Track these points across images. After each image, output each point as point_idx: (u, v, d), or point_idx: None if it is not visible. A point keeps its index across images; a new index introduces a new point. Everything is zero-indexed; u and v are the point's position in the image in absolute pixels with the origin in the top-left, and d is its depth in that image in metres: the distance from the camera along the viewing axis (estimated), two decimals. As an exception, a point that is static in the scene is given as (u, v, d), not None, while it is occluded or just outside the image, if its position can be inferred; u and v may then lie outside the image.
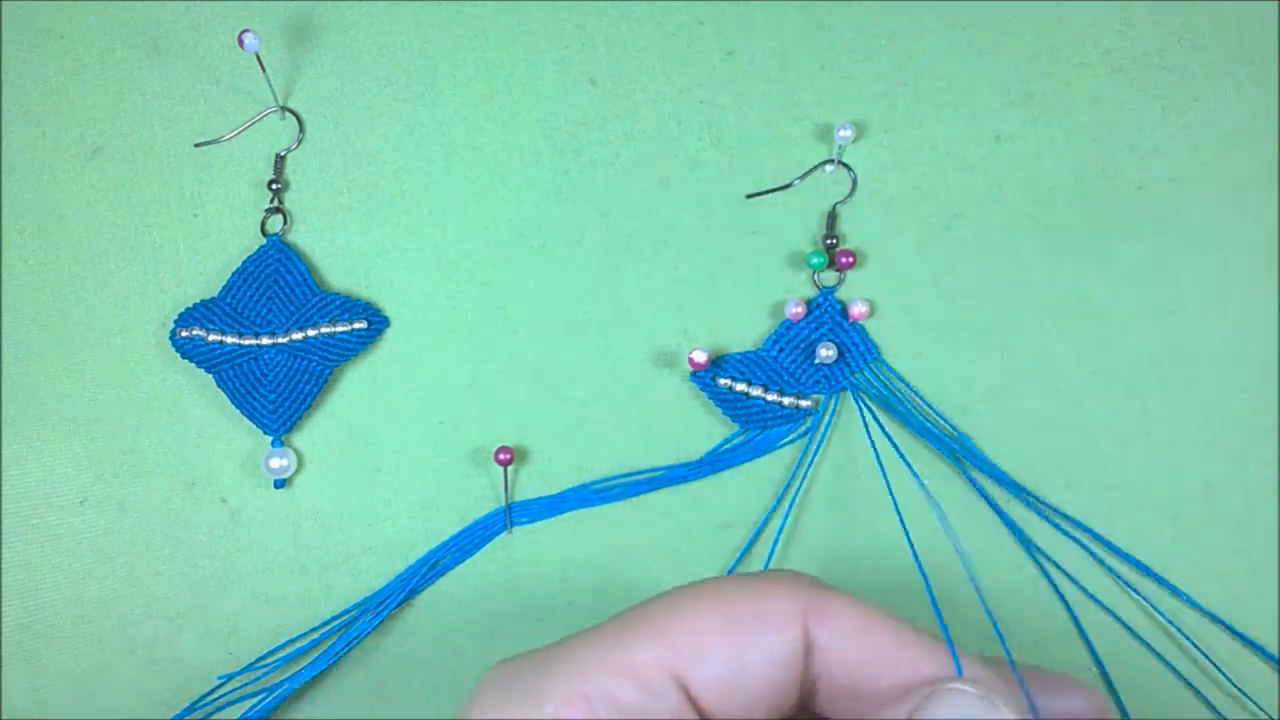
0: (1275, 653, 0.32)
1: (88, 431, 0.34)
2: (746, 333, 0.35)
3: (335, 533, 0.34)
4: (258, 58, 0.34)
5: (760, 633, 0.22)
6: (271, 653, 0.33)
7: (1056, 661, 0.33)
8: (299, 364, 0.34)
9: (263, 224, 0.35)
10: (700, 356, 0.33)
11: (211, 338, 0.34)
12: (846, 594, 0.23)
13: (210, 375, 0.34)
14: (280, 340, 0.34)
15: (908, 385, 0.34)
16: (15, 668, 0.33)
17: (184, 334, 0.34)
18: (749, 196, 0.35)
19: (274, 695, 0.33)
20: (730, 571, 0.33)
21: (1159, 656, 0.33)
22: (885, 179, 0.35)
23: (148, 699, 0.33)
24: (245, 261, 0.34)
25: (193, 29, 0.36)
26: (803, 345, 0.34)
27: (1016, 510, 0.34)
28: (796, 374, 0.34)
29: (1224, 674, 0.32)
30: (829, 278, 0.35)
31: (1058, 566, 0.33)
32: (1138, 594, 0.33)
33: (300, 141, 0.35)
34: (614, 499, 0.34)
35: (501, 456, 0.33)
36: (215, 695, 0.33)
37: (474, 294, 0.35)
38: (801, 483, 0.34)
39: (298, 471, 0.34)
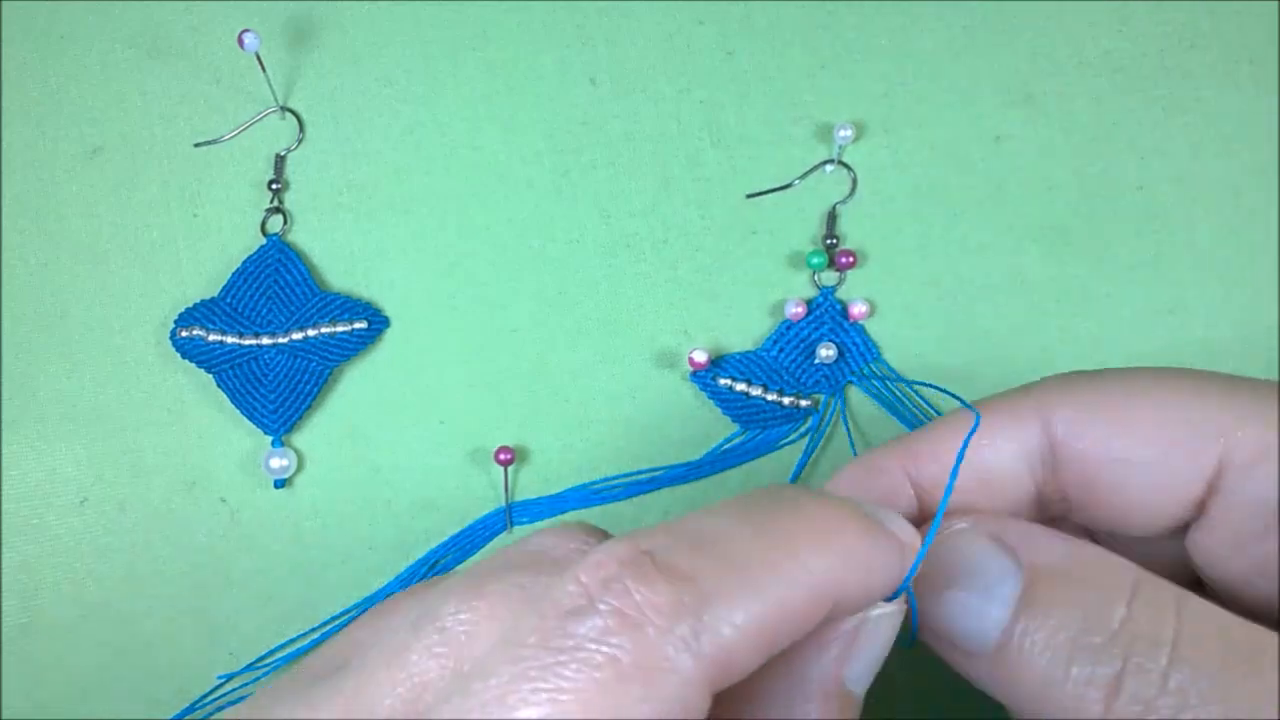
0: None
1: (88, 431, 0.34)
2: (746, 333, 0.35)
3: (335, 533, 0.34)
4: (258, 58, 0.34)
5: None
6: (271, 653, 0.33)
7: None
8: (299, 364, 0.34)
9: (263, 224, 0.35)
10: (700, 356, 0.33)
11: (211, 338, 0.34)
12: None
13: (210, 375, 0.34)
14: (280, 340, 0.34)
15: (908, 385, 0.34)
16: (15, 668, 0.33)
17: (184, 334, 0.34)
18: (749, 196, 0.35)
19: (274, 695, 0.33)
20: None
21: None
22: (885, 179, 0.35)
23: (148, 699, 0.33)
24: (245, 261, 0.34)
25: (193, 29, 0.36)
26: (803, 345, 0.34)
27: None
28: (796, 374, 0.34)
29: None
30: (829, 278, 0.35)
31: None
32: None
33: (300, 141, 0.35)
34: (614, 499, 0.34)
35: (501, 456, 0.33)
36: (215, 695, 0.33)
37: (474, 294, 0.35)
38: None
39: (298, 471, 0.34)
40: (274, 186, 0.35)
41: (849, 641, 0.21)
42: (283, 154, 0.35)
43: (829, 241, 0.35)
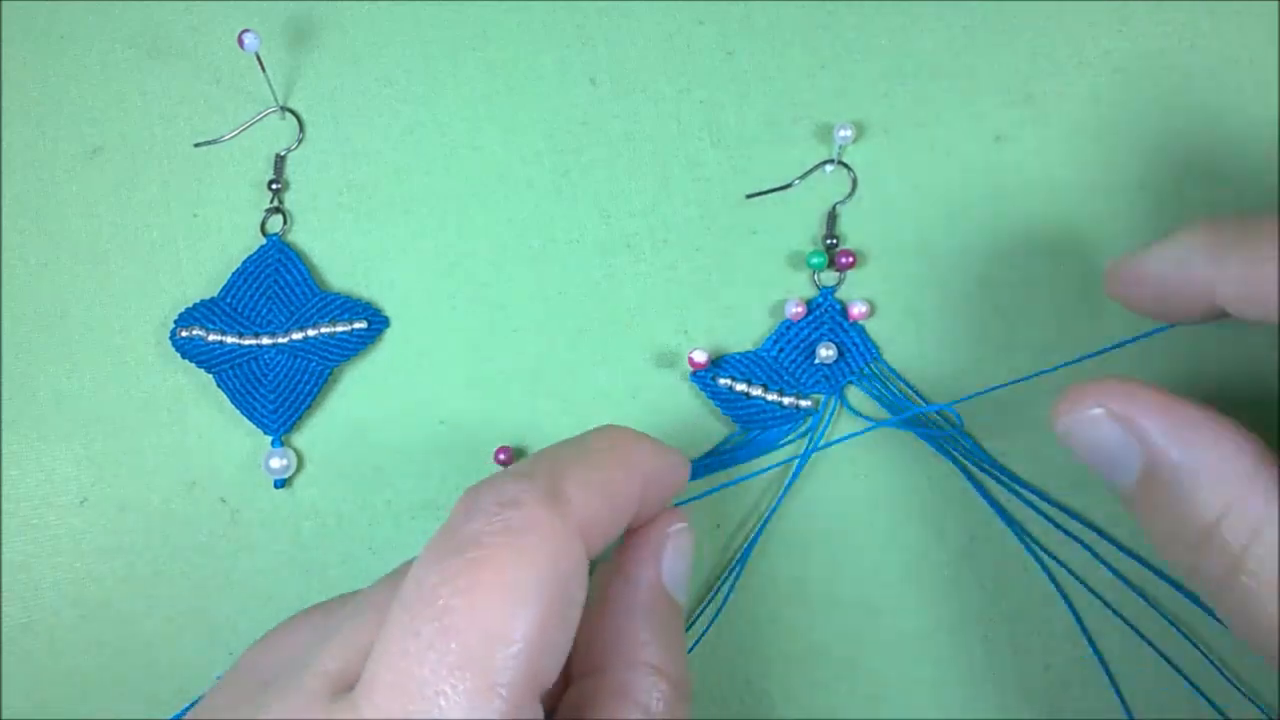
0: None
1: (88, 431, 0.34)
2: (746, 333, 0.35)
3: (335, 533, 0.34)
4: (258, 58, 0.34)
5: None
6: (271, 653, 0.33)
7: (1060, 660, 0.33)
8: (299, 364, 0.34)
9: (263, 224, 0.35)
10: (700, 356, 0.33)
11: (211, 338, 0.34)
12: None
13: (210, 375, 0.34)
14: (280, 340, 0.34)
15: (908, 385, 0.34)
16: (15, 668, 0.33)
17: (184, 334, 0.34)
18: (749, 196, 0.35)
19: (274, 695, 0.33)
20: (735, 577, 0.33)
21: (1161, 655, 0.33)
22: (885, 179, 0.35)
23: (148, 699, 0.33)
24: (245, 261, 0.34)
25: (193, 29, 0.36)
26: (803, 345, 0.34)
27: (1017, 509, 0.34)
28: (796, 374, 0.34)
29: (1223, 674, 0.32)
30: (829, 278, 0.35)
31: (1060, 564, 0.33)
32: (1139, 593, 0.33)
33: (300, 141, 0.35)
34: (614, 499, 0.34)
35: (501, 456, 0.33)
36: (215, 695, 0.33)
37: (474, 294, 0.35)
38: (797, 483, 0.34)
39: (298, 471, 0.34)
40: (274, 186, 0.35)
41: (660, 546, 0.28)
42: (283, 154, 0.35)
43: (829, 241, 0.35)
